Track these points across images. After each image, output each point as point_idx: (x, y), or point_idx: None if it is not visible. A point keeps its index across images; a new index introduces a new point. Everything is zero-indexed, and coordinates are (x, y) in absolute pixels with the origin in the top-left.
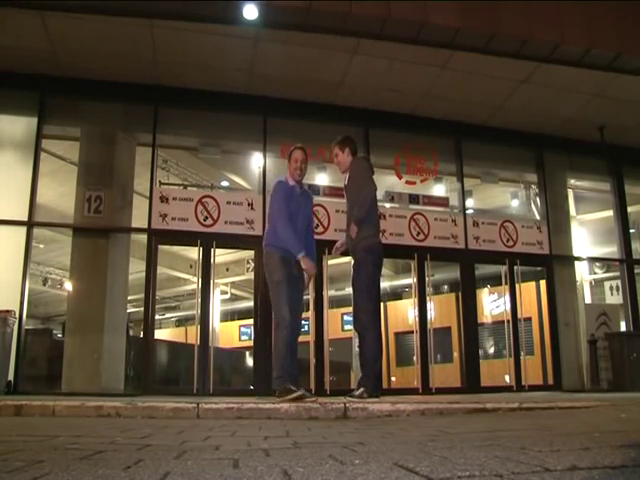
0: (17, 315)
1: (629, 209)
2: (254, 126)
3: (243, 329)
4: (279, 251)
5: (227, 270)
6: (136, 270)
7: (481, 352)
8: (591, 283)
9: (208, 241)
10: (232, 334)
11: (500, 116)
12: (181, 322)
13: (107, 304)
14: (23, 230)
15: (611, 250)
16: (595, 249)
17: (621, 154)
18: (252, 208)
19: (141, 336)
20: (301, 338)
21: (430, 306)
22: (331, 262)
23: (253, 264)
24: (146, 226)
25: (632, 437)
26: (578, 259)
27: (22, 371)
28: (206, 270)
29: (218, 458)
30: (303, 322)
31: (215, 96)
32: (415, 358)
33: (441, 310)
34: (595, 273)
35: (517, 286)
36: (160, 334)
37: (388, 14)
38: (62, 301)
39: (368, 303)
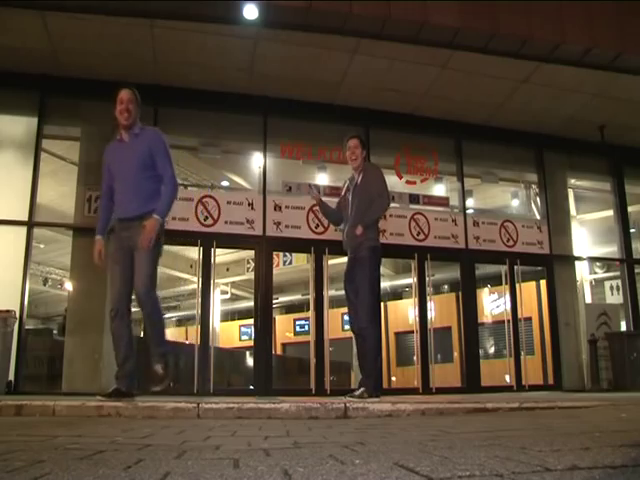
0: (17, 315)
1: (629, 209)
2: (254, 126)
3: (243, 329)
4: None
5: (227, 270)
6: None
7: (481, 352)
8: (591, 283)
9: (208, 241)
10: (232, 334)
11: (500, 116)
12: (181, 322)
13: (107, 304)
14: (23, 230)
15: (611, 250)
16: (595, 249)
17: (621, 154)
18: (252, 208)
19: (141, 336)
20: (301, 338)
21: (430, 306)
22: (331, 262)
23: (253, 264)
24: None
25: (632, 437)
26: (578, 259)
27: (22, 371)
28: (206, 270)
29: (218, 458)
30: (303, 322)
31: (215, 96)
32: (415, 358)
33: (441, 310)
34: (595, 273)
35: (517, 286)
36: None
37: (388, 14)
38: (62, 301)
39: (370, 301)
